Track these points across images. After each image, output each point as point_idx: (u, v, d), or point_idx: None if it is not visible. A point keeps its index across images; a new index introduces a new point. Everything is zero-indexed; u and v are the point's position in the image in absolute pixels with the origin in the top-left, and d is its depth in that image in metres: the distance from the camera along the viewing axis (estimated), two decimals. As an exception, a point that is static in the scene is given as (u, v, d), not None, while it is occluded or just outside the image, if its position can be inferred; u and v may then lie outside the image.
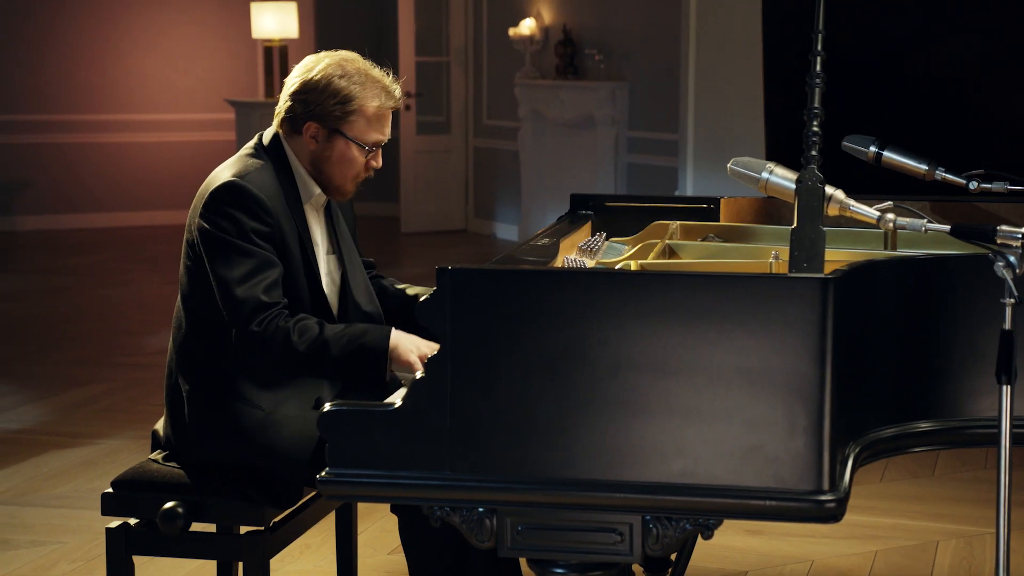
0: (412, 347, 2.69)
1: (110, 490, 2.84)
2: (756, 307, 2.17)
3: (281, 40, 9.21)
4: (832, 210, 2.36)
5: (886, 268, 2.34)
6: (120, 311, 7.64)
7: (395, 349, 2.69)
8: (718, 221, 3.40)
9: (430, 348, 2.66)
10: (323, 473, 2.29)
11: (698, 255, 3.01)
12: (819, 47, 2.40)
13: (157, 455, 2.91)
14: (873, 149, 2.82)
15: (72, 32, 10.84)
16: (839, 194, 2.36)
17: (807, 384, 2.16)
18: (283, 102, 2.88)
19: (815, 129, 2.35)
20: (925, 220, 2.28)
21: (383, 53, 12.48)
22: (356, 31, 11.48)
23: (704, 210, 3.40)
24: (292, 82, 2.87)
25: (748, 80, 3.14)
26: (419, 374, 2.28)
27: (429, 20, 10.92)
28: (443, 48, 10.93)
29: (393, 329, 2.72)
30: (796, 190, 2.31)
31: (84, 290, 8.32)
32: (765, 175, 2.42)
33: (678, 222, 3.33)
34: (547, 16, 9.82)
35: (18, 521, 4.18)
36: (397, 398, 2.30)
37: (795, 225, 2.29)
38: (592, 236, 3.37)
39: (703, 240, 3.24)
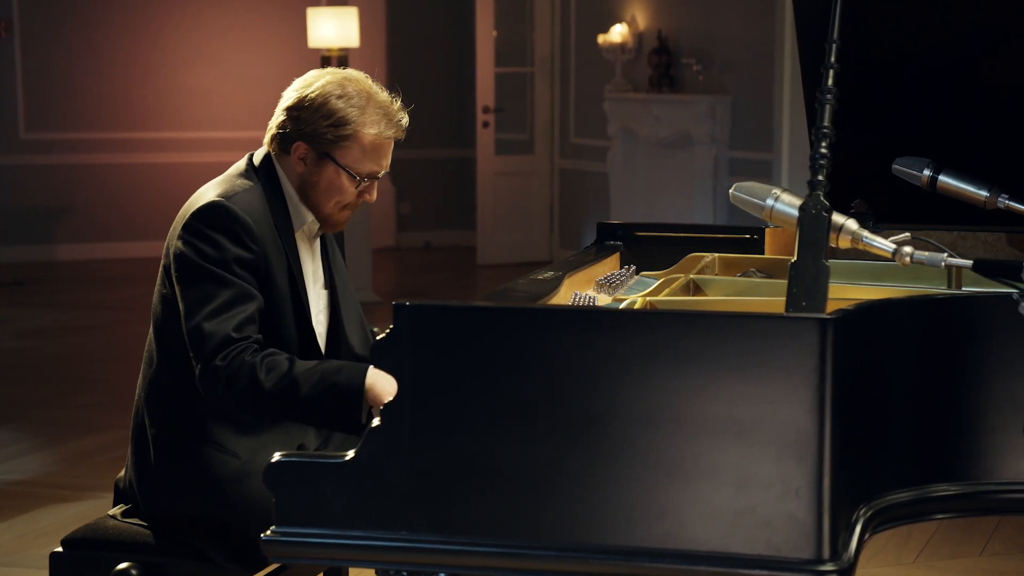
0: (392, 388, 2.70)
1: (59, 549, 2.90)
2: (746, 350, 2.18)
3: (340, 50, 9.35)
4: (844, 242, 2.36)
5: (902, 307, 2.32)
6: (153, 350, 7.81)
7: (371, 389, 2.70)
8: (762, 253, 3.40)
9: None
10: (268, 532, 2.34)
11: (724, 292, 3.02)
12: (832, 59, 2.40)
13: (117, 510, 2.98)
14: (927, 173, 2.80)
15: (112, 44, 11.10)
16: (851, 224, 2.36)
17: (804, 438, 2.16)
18: (276, 118, 2.94)
19: (823, 151, 2.35)
20: (945, 255, 2.27)
21: (461, 62, 12.42)
22: (431, 38, 11.64)
23: (746, 241, 3.40)
24: (288, 96, 2.93)
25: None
26: (375, 422, 2.33)
27: (511, 26, 11.01)
28: (526, 58, 11.02)
29: (371, 367, 2.72)
30: (798, 219, 2.32)
31: (120, 327, 8.52)
32: (770, 202, 2.44)
33: (716, 255, 3.34)
34: (641, 21, 9.82)
35: (-1, 583, 4.31)
36: (351, 449, 2.34)
37: (794, 258, 2.30)
38: (620, 269, 3.40)
39: (742, 275, 3.24)
